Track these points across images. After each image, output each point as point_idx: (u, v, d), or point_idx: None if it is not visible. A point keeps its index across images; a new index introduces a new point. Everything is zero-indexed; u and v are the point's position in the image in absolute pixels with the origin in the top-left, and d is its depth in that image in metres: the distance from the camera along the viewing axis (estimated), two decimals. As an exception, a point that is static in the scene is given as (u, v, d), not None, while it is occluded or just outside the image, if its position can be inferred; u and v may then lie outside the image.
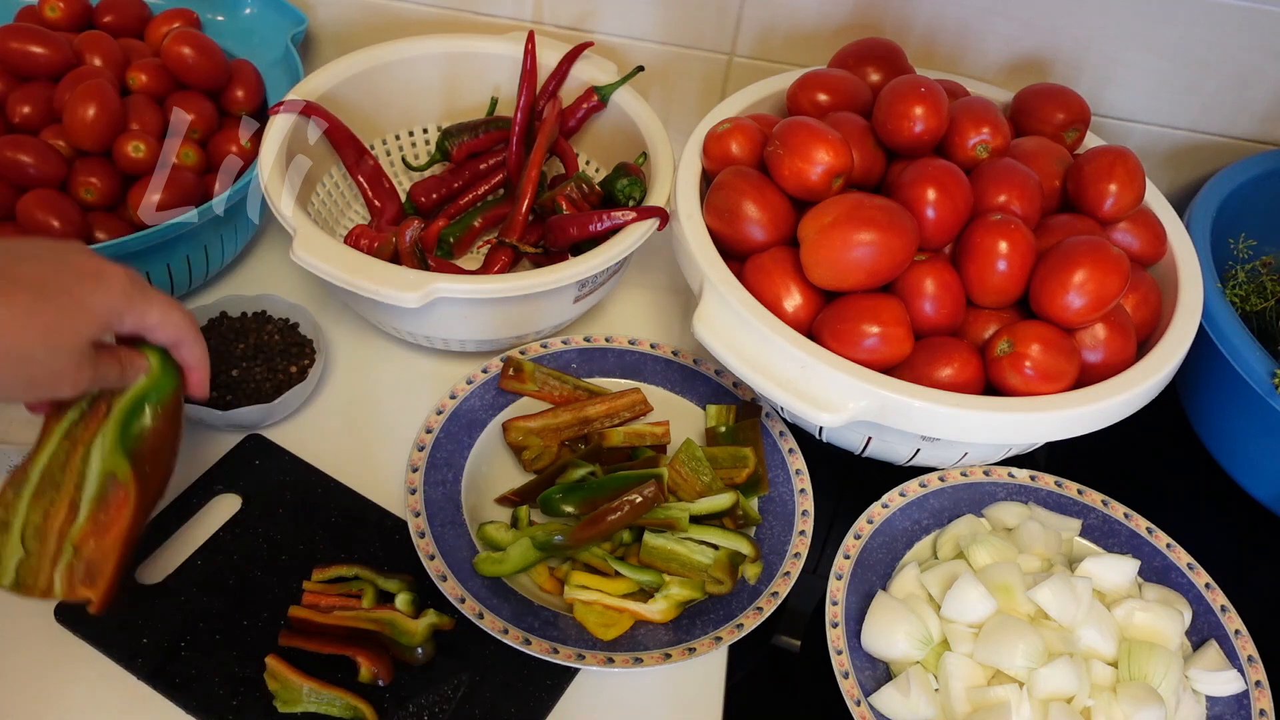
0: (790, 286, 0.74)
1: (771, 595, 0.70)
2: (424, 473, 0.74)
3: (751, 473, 0.76)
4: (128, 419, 0.61)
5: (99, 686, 0.65)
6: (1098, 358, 0.74)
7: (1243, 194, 0.90)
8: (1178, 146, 1.00)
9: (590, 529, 0.70)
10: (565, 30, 1.02)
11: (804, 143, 0.74)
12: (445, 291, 0.73)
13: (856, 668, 0.66)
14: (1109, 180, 0.77)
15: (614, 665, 0.65)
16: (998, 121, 0.78)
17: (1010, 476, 0.77)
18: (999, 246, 0.73)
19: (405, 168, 0.98)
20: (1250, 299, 0.84)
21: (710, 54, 1.01)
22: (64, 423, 0.60)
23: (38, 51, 0.85)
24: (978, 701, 0.64)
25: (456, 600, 0.67)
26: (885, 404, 0.68)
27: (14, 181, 0.80)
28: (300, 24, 0.97)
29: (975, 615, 0.67)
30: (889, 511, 0.74)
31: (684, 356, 0.85)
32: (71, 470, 0.60)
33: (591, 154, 0.97)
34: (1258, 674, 0.68)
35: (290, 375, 0.80)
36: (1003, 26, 0.95)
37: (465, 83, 0.96)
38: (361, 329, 0.88)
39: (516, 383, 0.80)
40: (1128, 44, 0.93)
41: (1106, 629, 0.67)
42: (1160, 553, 0.74)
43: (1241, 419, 0.80)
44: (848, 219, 0.71)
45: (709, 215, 0.78)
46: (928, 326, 0.74)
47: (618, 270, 0.85)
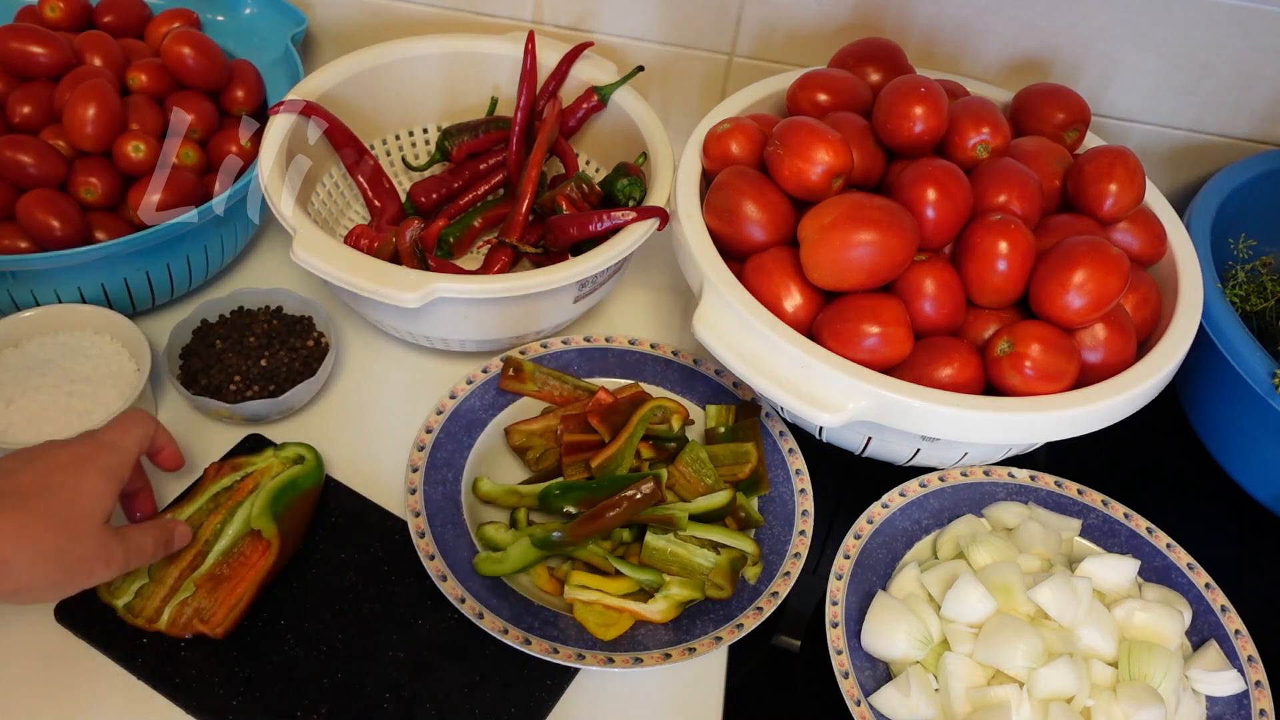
0: (790, 286, 0.74)
1: (771, 595, 0.70)
2: (424, 473, 0.74)
3: (753, 469, 0.76)
4: (280, 493, 0.70)
5: (99, 686, 0.65)
6: (1098, 358, 0.74)
7: (1243, 194, 0.90)
8: (1178, 146, 1.00)
9: (589, 525, 0.70)
10: (565, 30, 1.02)
11: (804, 143, 0.74)
12: (445, 291, 0.73)
13: (856, 668, 0.66)
14: (1109, 180, 0.77)
15: (614, 665, 0.65)
16: (998, 121, 0.78)
17: (1010, 476, 0.77)
18: (999, 246, 0.73)
19: (405, 168, 0.98)
20: (1250, 299, 0.84)
21: (710, 54, 1.01)
22: (213, 489, 0.71)
23: (38, 51, 0.85)
24: (978, 701, 0.64)
25: (456, 600, 0.67)
26: (885, 404, 0.68)
27: (14, 181, 0.81)
28: (300, 24, 0.97)
29: (975, 615, 0.67)
30: (889, 511, 0.74)
31: (684, 356, 0.85)
32: (208, 528, 0.69)
33: (591, 154, 0.97)
34: (1258, 674, 0.68)
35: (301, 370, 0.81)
36: (1003, 26, 0.95)
37: (465, 83, 0.96)
38: (361, 329, 0.88)
39: (516, 383, 0.80)
40: (1128, 44, 0.93)
41: (1106, 629, 0.67)
42: (1160, 553, 0.74)
43: (1241, 419, 0.80)
44: (848, 219, 0.71)
45: (709, 215, 0.78)
46: (928, 326, 0.74)
47: (618, 270, 0.85)
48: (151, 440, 0.67)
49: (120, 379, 0.77)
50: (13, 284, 0.78)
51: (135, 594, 0.67)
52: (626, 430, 0.76)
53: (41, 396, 0.74)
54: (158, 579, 0.67)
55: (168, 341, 0.79)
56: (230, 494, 0.71)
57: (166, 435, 0.69)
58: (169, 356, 0.79)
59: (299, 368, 0.80)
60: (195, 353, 0.80)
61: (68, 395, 0.74)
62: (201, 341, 0.81)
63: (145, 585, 0.67)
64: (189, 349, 0.81)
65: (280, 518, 0.69)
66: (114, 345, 0.79)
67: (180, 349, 0.80)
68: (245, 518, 0.69)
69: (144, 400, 0.76)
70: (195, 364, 0.79)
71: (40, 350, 0.77)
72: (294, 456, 0.74)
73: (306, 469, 0.73)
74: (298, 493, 0.71)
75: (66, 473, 0.60)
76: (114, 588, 0.67)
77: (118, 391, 0.76)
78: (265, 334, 0.81)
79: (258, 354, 0.80)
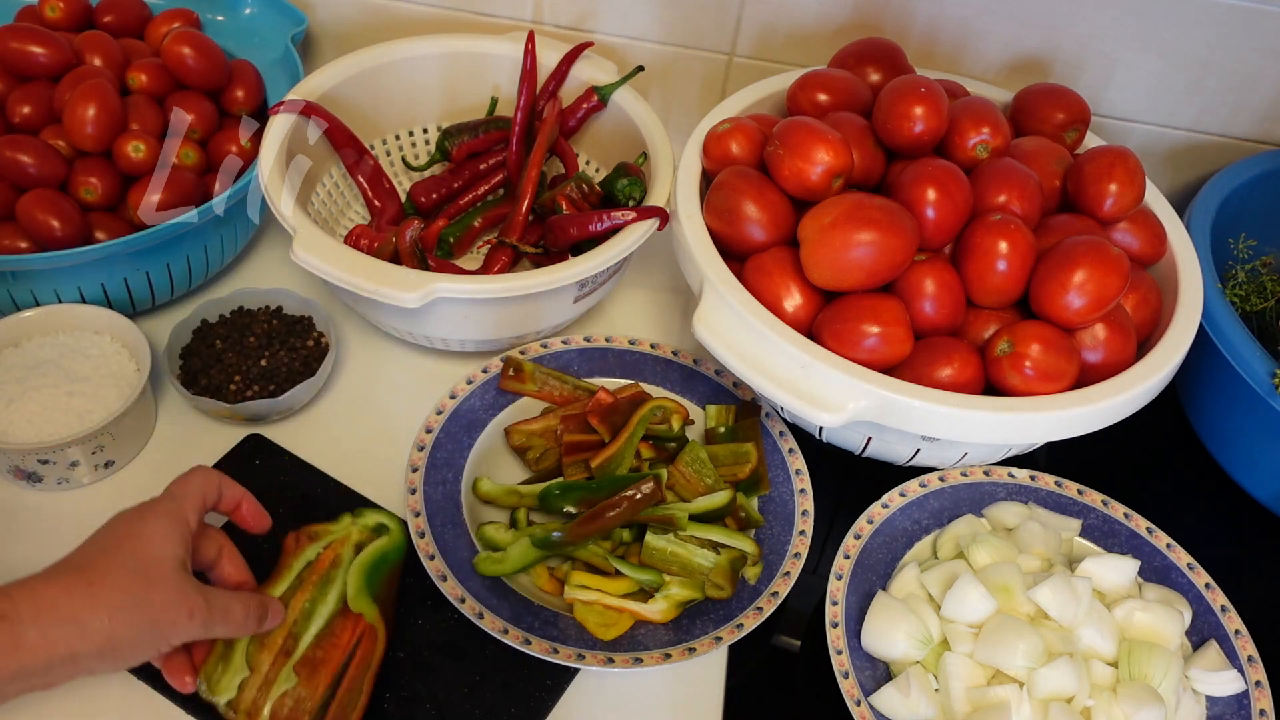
0: (790, 286, 0.74)
1: (771, 595, 0.70)
2: (424, 473, 0.74)
3: (753, 469, 0.76)
4: (373, 569, 0.67)
5: (99, 687, 0.65)
6: (1098, 358, 0.74)
7: (1243, 194, 0.90)
8: (1178, 146, 1.00)
9: (589, 525, 0.70)
10: (565, 30, 1.02)
11: (804, 143, 0.74)
12: (445, 291, 0.73)
13: (856, 668, 0.66)
14: (1109, 180, 0.77)
15: (614, 665, 0.65)
16: (998, 121, 0.78)
17: (1010, 476, 0.77)
18: (999, 246, 0.73)
19: (405, 168, 0.98)
20: (1250, 299, 0.84)
21: (710, 54, 1.01)
22: (297, 564, 0.66)
23: (38, 51, 0.85)
24: (978, 701, 0.64)
25: (456, 600, 0.67)
26: (885, 404, 0.68)
27: (14, 181, 0.81)
28: (300, 24, 0.97)
29: (975, 615, 0.67)
30: (889, 511, 0.74)
31: (684, 356, 0.85)
32: (294, 607, 0.64)
33: (591, 154, 0.97)
34: (1258, 674, 0.68)
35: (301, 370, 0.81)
36: (1003, 26, 0.95)
37: (465, 83, 0.96)
38: (361, 329, 0.88)
39: (516, 383, 0.80)
40: (1128, 44, 0.93)
41: (1106, 629, 0.67)
42: (1160, 553, 0.74)
43: (1241, 419, 0.80)
44: (848, 219, 0.71)
45: (709, 215, 0.78)
46: (928, 326, 0.74)
47: (618, 270, 0.85)
48: (217, 489, 0.63)
49: (120, 379, 0.77)
50: (13, 284, 0.78)
51: (239, 689, 0.61)
52: (626, 430, 0.76)
53: (41, 396, 0.74)
54: (255, 667, 0.62)
55: (168, 341, 0.79)
56: (312, 568, 0.66)
57: (237, 488, 0.65)
58: (169, 356, 0.79)
59: (299, 368, 0.80)
60: (195, 353, 0.80)
61: (68, 395, 0.74)
62: (201, 341, 0.81)
63: (247, 679, 0.62)
64: (189, 349, 0.81)
65: (378, 598, 0.66)
66: (114, 345, 0.79)
67: (180, 349, 0.81)
68: (338, 595, 0.65)
69: (144, 400, 0.76)
70: (195, 364, 0.79)
71: (40, 350, 0.77)
72: (374, 525, 0.70)
73: (394, 542, 0.70)
74: (388, 568, 0.68)
75: (128, 525, 0.58)
76: (214, 682, 0.62)
77: (118, 391, 0.76)
78: (265, 334, 0.82)
79: (258, 354, 0.80)
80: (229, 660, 0.62)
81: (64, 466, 0.73)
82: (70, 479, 0.74)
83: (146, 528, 0.58)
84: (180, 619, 0.56)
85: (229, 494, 0.65)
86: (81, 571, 0.54)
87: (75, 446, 0.72)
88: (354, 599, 0.65)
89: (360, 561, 0.67)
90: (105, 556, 0.56)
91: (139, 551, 0.56)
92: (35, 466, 0.72)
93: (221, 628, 0.59)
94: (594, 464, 0.74)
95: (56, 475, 0.74)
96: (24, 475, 0.73)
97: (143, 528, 0.58)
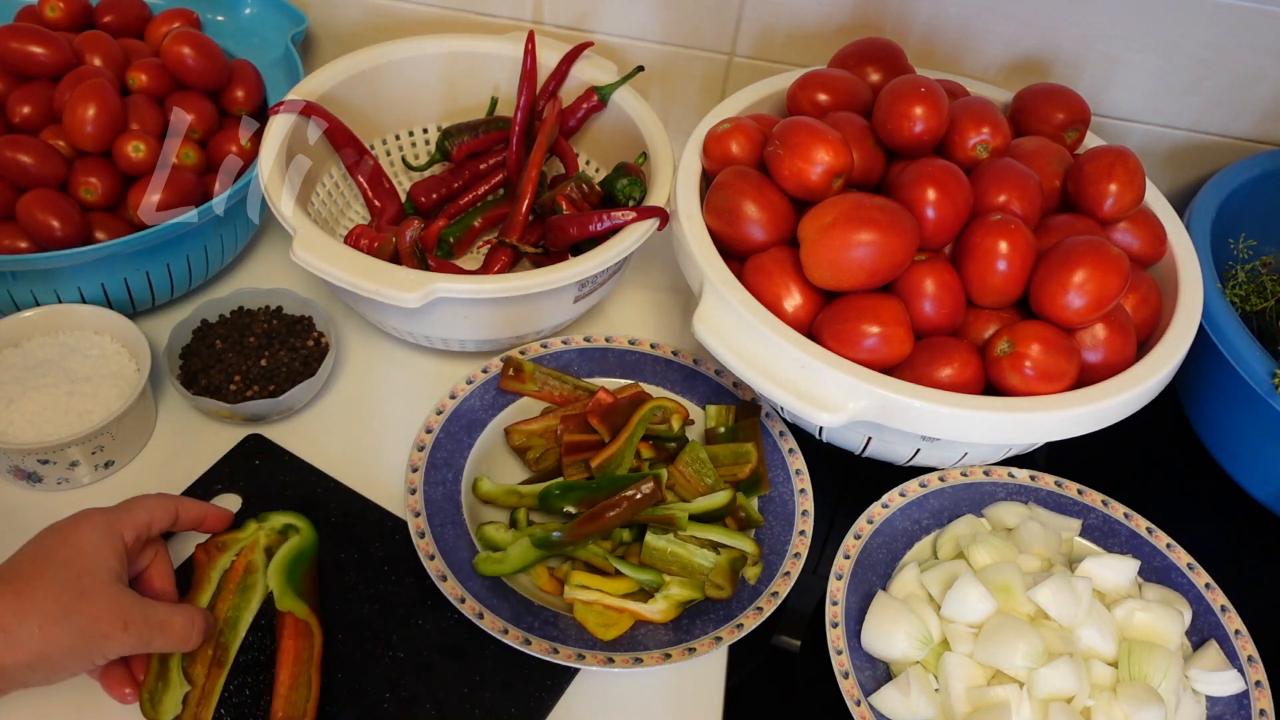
0: (790, 286, 0.74)
1: (771, 595, 0.70)
2: (424, 473, 0.74)
3: (754, 469, 0.76)
4: (292, 567, 0.68)
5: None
6: (1098, 358, 0.74)
7: (1243, 194, 0.90)
8: (1178, 146, 1.00)
9: (589, 525, 0.70)
10: (565, 30, 1.02)
11: (804, 143, 0.74)
12: (445, 291, 0.73)
13: (856, 668, 0.66)
14: (1109, 180, 0.77)
15: (614, 665, 0.65)
16: (998, 121, 0.78)
17: (1010, 476, 0.77)
18: (999, 246, 0.73)
19: (405, 168, 0.98)
20: (1250, 299, 0.84)
21: (710, 54, 1.01)
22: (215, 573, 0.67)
23: (38, 51, 0.85)
24: (978, 701, 0.64)
25: (456, 600, 0.67)
26: (885, 404, 0.68)
27: (14, 181, 0.81)
28: (300, 24, 0.97)
29: (975, 615, 0.67)
30: (889, 511, 0.74)
31: (684, 356, 0.85)
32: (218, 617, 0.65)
33: (591, 154, 0.97)
34: (1258, 674, 0.68)
35: (301, 370, 0.81)
36: (1003, 26, 0.95)
37: (465, 83, 0.96)
38: (361, 329, 0.88)
39: (516, 383, 0.80)
40: (1128, 44, 0.93)
41: (1106, 629, 0.67)
42: (1160, 553, 0.74)
43: (1241, 419, 0.80)
44: (848, 219, 0.71)
45: (709, 215, 0.78)
46: (928, 326, 0.74)
47: (618, 270, 0.85)
48: (171, 515, 0.64)
49: (120, 379, 0.77)
50: (13, 284, 0.78)
51: (183, 704, 0.61)
52: (626, 430, 0.76)
53: (41, 396, 0.74)
54: (194, 680, 0.62)
55: (168, 341, 0.79)
56: (228, 576, 0.67)
57: (198, 508, 0.66)
58: (169, 356, 0.79)
59: (299, 368, 0.80)
60: (195, 353, 0.80)
61: (68, 395, 0.74)
62: (201, 341, 0.81)
63: (189, 693, 0.62)
64: (189, 349, 0.81)
65: (303, 594, 0.67)
66: (114, 345, 0.79)
67: (180, 349, 0.81)
68: (259, 599, 0.67)
69: (144, 400, 0.76)
70: (195, 364, 0.79)
71: (40, 350, 0.77)
72: (280, 527, 0.70)
73: (306, 540, 0.70)
74: (305, 564, 0.69)
75: (59, 536, 0.57)
76: (158, 701, 0.61)
77: (118, 391, 0.76)
78: (265, 334, 0.82)
79: (258, 354, 0.80)
80: (167, 677, 0.62)
81: (64, 466, 0.73)
82: (70, 479, 0.74)
83: (79, 538, 0.57)
84: (114, 631, 0.55)
85: (187, 516, 0.65)
86: (9, 582, 0.53)
87: (75, 446, 0.72)
88: (280, 599, 0.66)
89: (278, 562, 0.68)
90: (35, 566, 0.55)
91: (71, 561, 0.55)
92: (35, 466, 0.72)
93: (161, 641, 0.58)
94: (594, 464, 0.74)
95: (56, 475, 0.74)
96: (24, 475, 0.73)
97: (75, 538, 0.57)
